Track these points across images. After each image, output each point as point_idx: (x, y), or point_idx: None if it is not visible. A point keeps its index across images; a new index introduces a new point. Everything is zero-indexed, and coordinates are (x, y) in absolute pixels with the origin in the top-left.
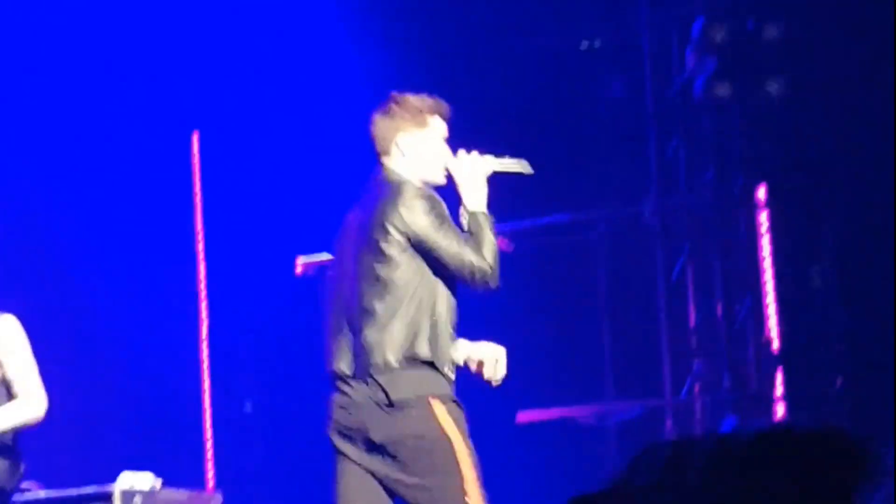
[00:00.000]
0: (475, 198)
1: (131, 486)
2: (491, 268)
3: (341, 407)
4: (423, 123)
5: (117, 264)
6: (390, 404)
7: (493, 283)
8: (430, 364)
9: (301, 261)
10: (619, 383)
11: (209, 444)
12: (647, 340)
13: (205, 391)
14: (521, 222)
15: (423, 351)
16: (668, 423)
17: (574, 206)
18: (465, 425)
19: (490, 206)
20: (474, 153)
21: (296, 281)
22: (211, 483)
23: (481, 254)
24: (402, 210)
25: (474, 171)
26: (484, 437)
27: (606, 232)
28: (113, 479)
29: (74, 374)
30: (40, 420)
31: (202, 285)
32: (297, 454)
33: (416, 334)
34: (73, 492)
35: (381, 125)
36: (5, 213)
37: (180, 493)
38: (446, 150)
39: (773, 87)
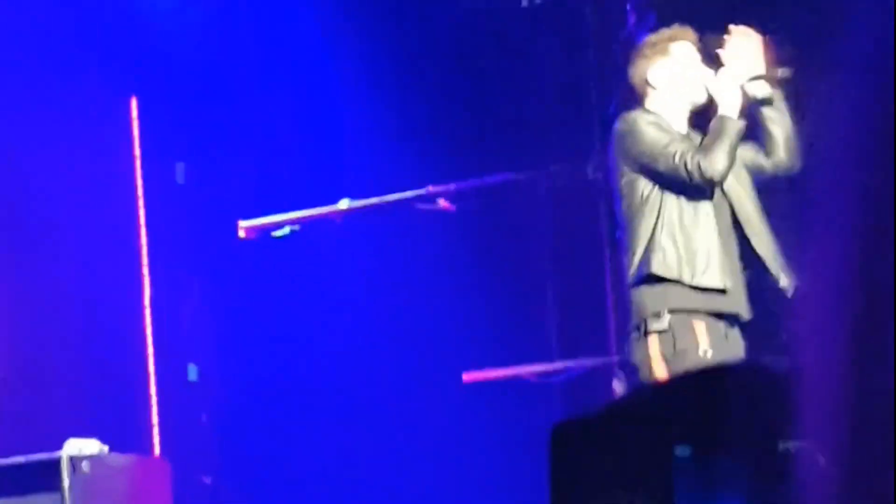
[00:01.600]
0: (728, 104)
1: (79, 451)
2: (710, 163)
3: None
4: (665, 52)
5: (56, 232)
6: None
7: (715, 175)
8: (665, 280)
9: (243, 224)
10: (564, 342)
11: (154, 411)
12: (593, 298)
13: (149, 357)
14: (463, 182)
15: (657, 268)
16: (615, 380)
17: (517, 164)
18: (691, 340)
19: (433, 166)
20: (736, 64)
21: (239, 245)
22: (157, 450)
23: (707, 149)
24: (616, 141)
25: (732, 82)
26: (429, 397)
27: (549, 189)
28: (58, 446)
29: (15, 343)
30: None
31: (144, 251)
32: (242, 420)
33: (651, 253)
34: (20, 459)
35: (632, 72)
36: None
37: (128, 459)
38: (700, 70)
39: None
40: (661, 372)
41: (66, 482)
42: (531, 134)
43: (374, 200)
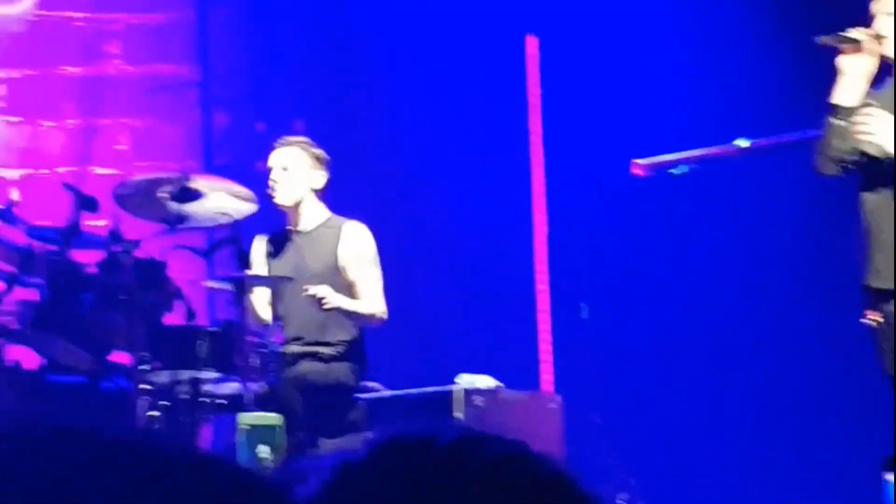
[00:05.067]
0: (844, 86)
1: (473, 385)
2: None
3: None
4: None
5: (451, 170)
6: None
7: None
8: None
9: (638, 162)
10: None
11: (547, 348)
12: None
13: (542, 294)
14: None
15: None
16: None
17: None
18: None
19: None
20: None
21: (634, 182)
22: (550, 386)
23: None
24: None
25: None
26: (826, 337)
27: None
28: (450, 382)
29: (410, 280)
30: (380, 321)
31: (540, 188)
32: (633, 359)
33: None
34: (415, 391)
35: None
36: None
37: (520, 394)
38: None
39: None
40: None
41: (459, 414)
42: None
43: (772, 140)
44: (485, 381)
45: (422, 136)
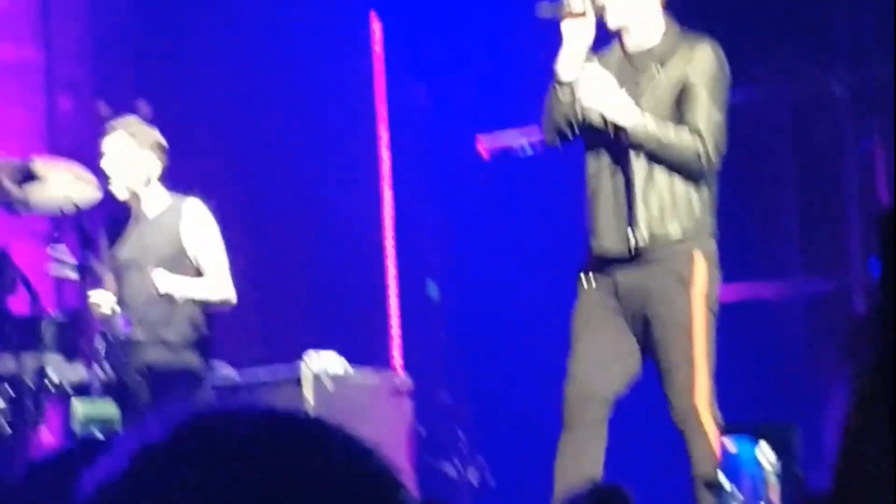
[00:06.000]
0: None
1: (322, 368)
2: None
3: None
4: None
5: (298, 151)
6: None
7: None
8: None
9: (483, 141)
10: (806, 259)
11: (395, 327)
12: (836, 216)
13: (389, 273)
14: None
15: None
16: (857, 299)
17: (759, 79)
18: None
19: None
20: None
21: (480, 163)
22: (398, 365)
23: None
24: None
25: None
26: None
27: (793, 105)
28: (298, 358)
29: (259, 256)
30: (228, 305)
31: (385, 167)
32: (482, 336)
33: None
34: (264, 375)
35: None
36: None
37: (369, 376)
38: None
39: None
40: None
41: (309, 397)
42: (774, 48)
43: None
44: (334, 360)
45: (269, 115)
